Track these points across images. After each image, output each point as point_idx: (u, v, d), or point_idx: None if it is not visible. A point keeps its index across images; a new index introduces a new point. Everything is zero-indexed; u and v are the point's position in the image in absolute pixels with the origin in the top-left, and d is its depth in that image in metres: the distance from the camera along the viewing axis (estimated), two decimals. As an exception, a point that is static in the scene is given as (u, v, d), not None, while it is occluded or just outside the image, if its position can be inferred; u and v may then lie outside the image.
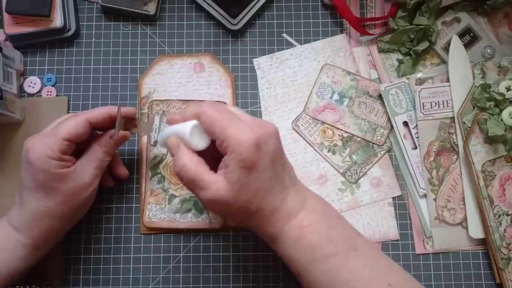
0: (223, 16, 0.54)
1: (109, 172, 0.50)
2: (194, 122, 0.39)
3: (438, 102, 0.52)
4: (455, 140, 0.52)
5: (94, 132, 0.46)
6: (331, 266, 0.38)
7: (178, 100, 0.53)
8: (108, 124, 0.45)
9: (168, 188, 0.51)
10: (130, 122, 0.47)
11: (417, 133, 0.52)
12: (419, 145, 0.52)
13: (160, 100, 0.53)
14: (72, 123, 0.43)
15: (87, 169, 0.44)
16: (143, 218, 0.51)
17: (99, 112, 0.44)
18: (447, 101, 0.52)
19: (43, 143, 0.42)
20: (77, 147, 0.45)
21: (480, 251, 0.51)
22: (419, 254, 0.51)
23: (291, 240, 0.39)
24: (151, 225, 0.50)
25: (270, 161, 0.38)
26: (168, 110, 0.53)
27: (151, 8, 0.55)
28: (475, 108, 0.51)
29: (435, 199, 0.51)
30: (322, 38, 0.56)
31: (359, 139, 0.53)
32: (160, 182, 0.51)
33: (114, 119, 0.45)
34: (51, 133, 0.43)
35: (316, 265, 0.38)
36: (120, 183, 0.52)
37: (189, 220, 0.51)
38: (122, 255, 0.51)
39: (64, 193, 0.43)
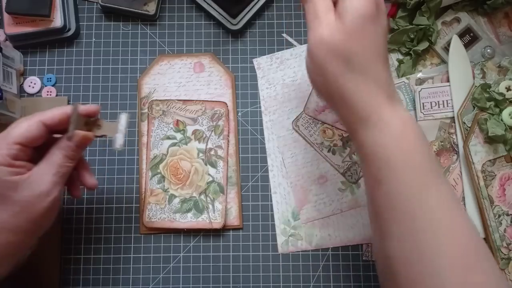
0: (223, 16, 0.54)
1: (79, 180, 0.45)
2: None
3: (438, 102, 0.52)
4: (455, 140, 0.52)
5: (54, 137, 0.42)
6: (423, 181, 0.35)
7: (178, 100, 0.53)
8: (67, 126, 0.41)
9: (168, 188, 0.51)
10: (93, 122, 0.42)
11: (417, 133, 0.52)
12: (419, 145, 0.52)
13: (160, 100, 0.53)
14: (24, 125, 0.39)
15: (44, 176, 0.39)
16: (143, 218, 0.51)
17: (54, 113, 0.40)
18: (447, 101, 0.52)
19: None
20: (38, 153, 0.41)
21: (480, 251, 0.51)
22: (419, 254, 0.51)
23: (391, 130, 0.35)
24: (151, 225, 0.50)
25: (383, 34, 0.36)
26: (168, 110, 0.53)
27: (151, 8, 0.55)
28: (475, 108, 0.51)
29: (435, 199, 0.51)
30: (322, 38, 0.56)
31: (359, 139, 0.53)
32: (160, 182, 0.51)
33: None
34: (0, 137, 0.39)
35: (407, 172, 0.34)
36: (120, 183, 0.52)
37: (189, 220, 0.51)
38: (122, 255, 0.51)
39: (17, 203, 0.38)
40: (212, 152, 0.52)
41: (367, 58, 0.36)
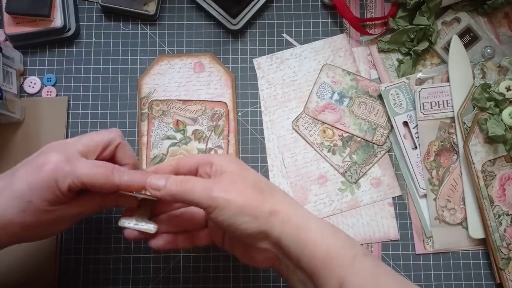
0: (223, 16, 0.54)
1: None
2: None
3: (438, 102, 0.52)
4: (455, 140, 0.52)
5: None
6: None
7: (178, 100, 0.53)
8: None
9: None
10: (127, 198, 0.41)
11: (417, 133, 0.52)
12: (419, 145, 0.52)
13: (160, 100, 0.53)
14: (100, 171, 0.37)
15: (72, 209, 0.39)
16: None
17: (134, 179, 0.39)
18: (447, 101, 0.52)
19: (68, 167, 0.37)
20: None
21: (480, 251, 0.51)
22: (419, 254, 0.51)
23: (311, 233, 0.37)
24: None
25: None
26: (168, 110, 0.53)
27: (151, 8, 0.55)
28: (475, 108, 0.51)
29: (435, 199, 0.51)
30: (322, 38, 0.56)
31: (359, 139, 0.53)
32: None
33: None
34: (77, 164, 0.37)
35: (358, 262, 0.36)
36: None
37: None
38: (122, 255, 0.51)
39: (50, 215, 0.37)
40: (212, 152, 0.52)
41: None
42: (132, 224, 0.40)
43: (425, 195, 0.51)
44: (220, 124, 0.53)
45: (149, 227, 0.40)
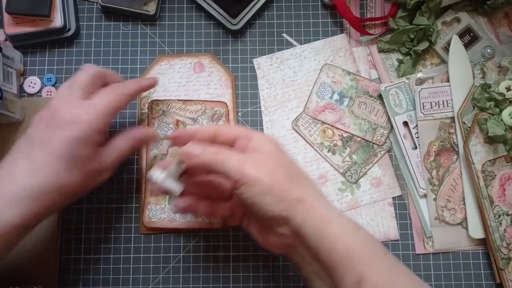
0: (223, 16, 0.54)
1: None
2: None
3: (438, 102, 0.52)
4: (455, 140, 0.52)
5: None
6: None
7: (178, 100, 0.53)
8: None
9: None
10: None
11: (417, 133, 0.52)
12: (419, 145, 0.52)
13: (160, 100, 0.53)
14: (112, 98, 0.42)
15: (111, 155, 0.43)
16: (143, 218, 0.51)
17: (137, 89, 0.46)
18: (447, 101, 0.52)
19: (88, 112, 0.40)
20: None
21: (480, 251, 0.51)
22: (419, 254, 0.51)
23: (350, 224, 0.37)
24: (151, 225, 0.50)
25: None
26: (168, 110, 0.53)
27: (151, 8, 0.55)
28: (475, 108, 0.51)
29: (435, 199, 0.51)
30: (322, 38, 0.56)
31: (359, 139, 0.53)
32: None
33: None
34: (93, 106, 0.41)
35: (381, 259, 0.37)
36: (120, 183, 0.52)
37: (189, 220, 0.51)
38: (122, 255, 0.51)
39: (84, 171, 0.40)
40: None
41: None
42: (160, 180, 0.41)
43: (425, 195, 0.51)
44: (220, 124, 0.53)
45: (175, 187, 0.41)
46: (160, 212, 0.51)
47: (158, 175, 0.41)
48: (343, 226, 0.36)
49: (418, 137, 0.52)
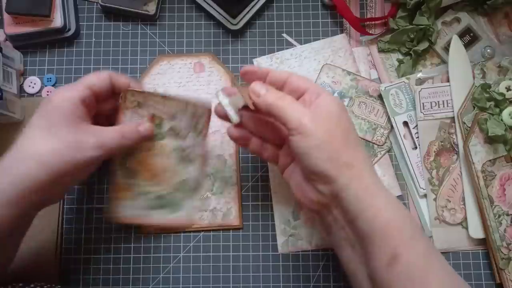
0: (223, 16, 0.54)
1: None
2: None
3: (438, 102, 0.52)
4: (455, 140, 0.52)
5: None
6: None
7: (158, 94, 0.48)
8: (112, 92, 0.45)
9: (140, 184, 0.48)
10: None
11: (417, 133, 0.52)
12: (419, 145, 0.52)
13: (137, 91, 0.47)
14: (95, 75, 0.44)
15: (109, 134, 0.43)
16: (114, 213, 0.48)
17: (121, 78, 0.46)
18: (447, 101, 0.52)
19: (67, 89, 0.42)
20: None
21: (480, 251, 0.51)
22: (419, 254, 0.51)
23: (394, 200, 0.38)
24: (123, 221, 0.48)
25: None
26: (145, 103, 0.48)
27: (151, 8, 0.55)
28: (475, 108, 0.51)
29: (435, 199, 0.51)
30: (322, 38, 0.56)
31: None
32: (131, 177, 0.48)
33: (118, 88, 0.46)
34: (73, 84, 0.43)
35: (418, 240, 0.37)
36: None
37: (163, 216, 0.48)
38: (122, 255, 0.51)
39: (67, 140, 0.40)
40: (189, 150, 0.49)
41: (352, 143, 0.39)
42: (224, 103, 0.43)
43: (425, 195, 0.51)
44: (199, 123, 0.48)
45: (234, 116, 0.43)
46: (131, 208, 0.48)
47: (224, 98, 0.43)
48: (386, 200, 0.37)
49: (418, 137, 0.52)
